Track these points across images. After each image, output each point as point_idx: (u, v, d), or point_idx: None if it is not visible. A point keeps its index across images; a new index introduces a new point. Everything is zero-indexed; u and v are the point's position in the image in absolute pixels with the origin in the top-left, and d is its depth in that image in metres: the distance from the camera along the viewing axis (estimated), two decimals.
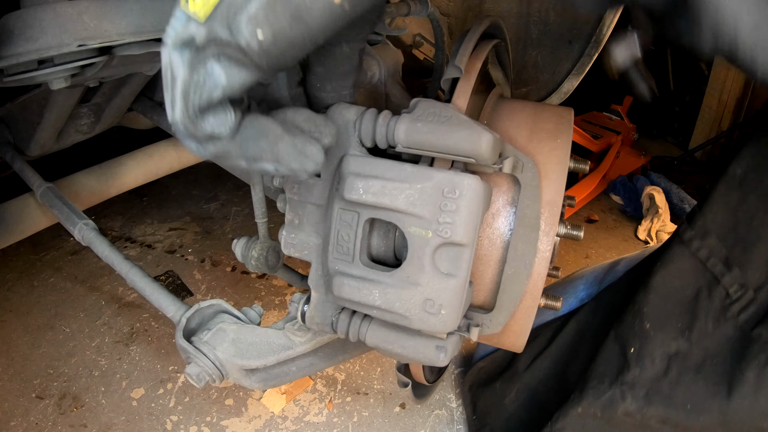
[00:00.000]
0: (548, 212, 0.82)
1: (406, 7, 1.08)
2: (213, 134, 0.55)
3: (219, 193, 2.83)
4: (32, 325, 1.90)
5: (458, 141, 0.71)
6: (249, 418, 1.61)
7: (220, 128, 0.55)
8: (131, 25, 0.91)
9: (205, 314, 1.00)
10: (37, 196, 1.38)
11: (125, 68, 1.13)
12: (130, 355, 1.80)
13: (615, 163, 3.19)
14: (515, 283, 0.84)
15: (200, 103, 0.53)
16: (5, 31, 0.88)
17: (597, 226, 2.85)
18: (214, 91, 0.53)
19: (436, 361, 0.79)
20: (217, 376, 0.94)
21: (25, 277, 2.13)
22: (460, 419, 1.64)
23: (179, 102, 0.53)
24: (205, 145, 0.56)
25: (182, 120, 0.54)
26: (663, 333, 1.09)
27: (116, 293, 2.07)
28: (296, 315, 0.90)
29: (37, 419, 1.56)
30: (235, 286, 2.16)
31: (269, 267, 1.04)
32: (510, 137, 0.88)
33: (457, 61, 0.79)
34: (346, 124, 0.80)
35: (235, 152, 0.57)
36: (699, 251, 1.07)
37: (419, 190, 0.71)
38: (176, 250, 2.36)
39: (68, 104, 1.34)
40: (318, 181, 0.84)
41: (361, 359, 1.84)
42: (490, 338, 0.94)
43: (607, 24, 1.37)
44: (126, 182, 1.75)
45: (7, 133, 1.52)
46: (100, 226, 2.45)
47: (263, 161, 0.58)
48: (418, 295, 0.72)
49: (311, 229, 0.86)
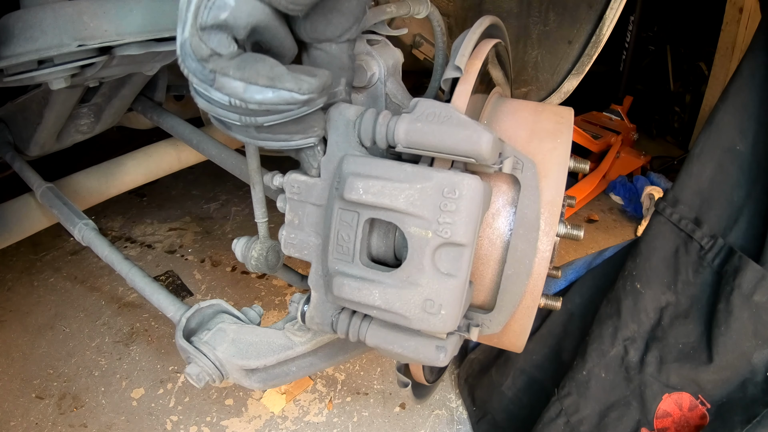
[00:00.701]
0: (548, 212, 0.82)
1: (406, 7, 1.07)
2: (214, 51, 0.60)
3: (219, 193, 2.83)
4: (32, 325, 1.90)
5: (458, 141, 0.71)
6: (249, 418, 1.61)
7: (221, 48, 0.60)
8: (131, 25, 0.91)
9: (205, 314, 1.00)
10: (37, 196, 1.38)
11: (125, 68, 1.13)
12: (130, 355, 1.80)
13: (615, 163, 3.19)
14: (515, 283, 0.84)
15: (207, 20, 0.58)
16: (5, 31, 0.88)
17: (597, 226, 2.85)
18: (222, 12, 0.58)
19: (436, 361, 0.79)
20: (217, 376, 0.94)
21: (25, 277, 2.13)
22: (460, 419, 1.64)
23: (190, 20, 0.59)
24: (205, 63, 0.60)
25: (190, 36, 0.59)
26: (652, 290, 1.26)
27: (116, 293, 2.07)
28: (296, 315, 0.90)
29: (37, 419, 1.56)
30: (235, 286, 2.16)
31: (269, 267, 1.04)
32: (510, 137, 0.88)
33: (457, 61, 0.79)
34: (346, 124, 0.80)
35: (232, 72, 0.60)
36: (672, 216, 1.28)
37: (419, 190, 0.71)
38: (176, 250, 2.36)
39: (68, 104, 1.34)
40: (318, 181, 0.84)
41: (361, 359, 1.84)
42: (490, 338, 0.94)
43: (607, 24, 1.37)
44: (126, 182, 1.75)
45: (7, 133, 1.52)
46: (100, 226, 2.46)
47: (259, 83, 0.61)
48: (418, 295, 0.72)
49: (311, 229, 0.86)
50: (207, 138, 1.43)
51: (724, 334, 1.12)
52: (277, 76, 0.62)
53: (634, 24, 3.37)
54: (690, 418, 1.15)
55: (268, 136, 0.73)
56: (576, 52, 1.47)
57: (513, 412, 1.51)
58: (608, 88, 3.64)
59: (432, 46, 1.64)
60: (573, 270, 1.60)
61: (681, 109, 4.05)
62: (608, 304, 1.34)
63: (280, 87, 0.62)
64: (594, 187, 2.97)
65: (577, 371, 1.31)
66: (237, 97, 0.63)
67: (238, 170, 1.33)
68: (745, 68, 1.22)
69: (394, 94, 0.95)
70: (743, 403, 1.08)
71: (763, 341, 1.09)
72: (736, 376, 1.11)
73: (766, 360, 1.09)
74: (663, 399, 1.18)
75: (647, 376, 1.21)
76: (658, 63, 4.34)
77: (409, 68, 1.33)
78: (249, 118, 0.67)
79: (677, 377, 1.17)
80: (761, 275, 1.08)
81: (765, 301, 1.08)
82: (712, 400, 1.13)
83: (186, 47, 0.61)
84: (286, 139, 0.74)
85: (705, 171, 1.23)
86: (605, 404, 1.26)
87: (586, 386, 1.29)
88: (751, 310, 1.09)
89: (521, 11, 1.51)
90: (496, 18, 0.94)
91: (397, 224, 0.73)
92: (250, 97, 0.62)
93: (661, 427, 1.18)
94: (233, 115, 0.66)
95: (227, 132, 0.74)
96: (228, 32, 0.60)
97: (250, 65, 0.61)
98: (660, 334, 1.23)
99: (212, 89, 0.63)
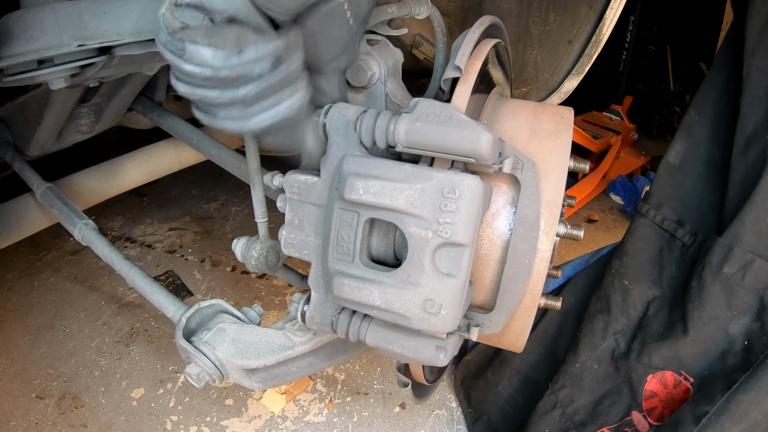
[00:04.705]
0: (548, 212, 0.82)
1: (407, 7, 1.07)
2: (185, 24, 0.63)
3: (219, 193, 2.83)
4: (32, 325, 1.90)
5: (458, 141, 0.71)
6: (249, 418, 1.61)
7: (192, 22, 0.63)
8: (131, 25, 0.91)
9: (205, 314, 1.00)
10: (37, 196, 1.38)
11: (125, 68, 1.13)
12: (130, 355, 1.80)
13: (615, 163, 3.19)
14: (515, 283, 0.84)
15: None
16: (5, 31, 0.88)
17: (597, 226, 2.85)
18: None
19: (436, 361, 0.79)
20: (217, 376, 0.94)
21: (25, 277, 2.13)
22: (460, 419, 1.64)
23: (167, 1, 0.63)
24: (175, 34, 0.63)
25: (165, 10, 0.63)
26: (639, 286, 1.33)
27: (116, 293, 2.07)
28: (296, 315, 0.90)
29: (37, 419, 1.56)
30: (235, 286, 2.16)
31: (269, 267, 1.04)
32: (510, 137, 0.88)
33: (456, 61, 0.79)
34: (346, 124, 0.80)
35: (200, 39, 0.62)
36: (655, 218, 1.35)
37: (419, 191, 0.71)
38: (176, 250, 2.36)
39: (68, 104, 1.34)
40: (318, 181, 0.84)
41: (361, 359, 1.84)
42: (490, 338, 0.94)
43: (607, 24, 1.37)
44: (126, 182, 1.75)
45: (7, 133, 1.52)
46: (100, 226, 2.46)
47: (226, 47, 0.63)
48: (418, 295, 0.72)
49: (311, 229, 0.86)
50: (207, 138, 1.43)
51: (698, 308, 1.17)
52: (243, 37, 0.63)
53: (634, 24, 3.37)
54: (675, 394, 1.20)
55: (258, 108, 0.70)
56: (576, 52, 1.47)
57: (508, 412, 1.52)
58: (608, 88, 3.65)
59: (432, 46, 1.63)
60: (571, 267, 1.63)
61: (681, 109, 4.05)
62: (598, 300, 1.39)
63: (246, 47, 0.63)
64: (594, 187, 2.97)
65: (570, 365, 1.36)
66: (206, 65, 0.63)
67: (238, 170, 1.33)
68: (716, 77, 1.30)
69: (394, 94, 0.95)
70: (724, 373, 1.12)
71: (738, 312, 1.13)
72: (715, 348, 1.16)
73: (743, 329, 1.13)
74: (648, 380, 1.24)
75: (632, 362, 1.26)
76: (658, 63, 4.34)
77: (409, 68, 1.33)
78: (229, 92, 0.66)
79: (659, 357, 1.23)
80: (728, 248, 1.13)
81: (734, 273, 1.13)
82: (694, 374, 1.18)
83: (160, 21, 0.64)
84: (276, 104, 0.71)
85: (687, 182, 1.32)
86: (599, 394, 1.30)
87: (580, 378, 1.33)
88: (722, 282, 1.14)
89: (521, 11, 1.51)
90: (496, 18, 0.94)
91: (397, 224, 0.73)
92: (219, 63, 0.62)
93: (649, 407, 1.23)
94: (213, 92, 0.66)
95: (215, 123, 0.71)
96: (203, 13, 0.63)
97: (217, 31, 0.63)
98: (645, 323, 1.30)
99: (183, 62, 0.63)
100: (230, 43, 0.62)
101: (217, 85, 0.65)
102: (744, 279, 1.12)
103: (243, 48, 0.63)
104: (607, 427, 1.26)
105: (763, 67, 1.14)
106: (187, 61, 0.63)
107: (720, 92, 1.28)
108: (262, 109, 0.70)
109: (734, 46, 1.24)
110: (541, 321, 1.56)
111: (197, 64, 0.62)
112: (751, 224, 1.11)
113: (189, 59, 0.62)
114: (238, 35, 0.63)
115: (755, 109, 1.15)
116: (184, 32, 0.62)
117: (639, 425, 1.22)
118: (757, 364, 1.06)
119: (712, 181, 1.27)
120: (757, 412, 1.02)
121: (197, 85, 0.65)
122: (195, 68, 0.63)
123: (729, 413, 1.03)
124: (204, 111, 0.70)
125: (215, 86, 0.65)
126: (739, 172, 1.17)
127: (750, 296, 1.12)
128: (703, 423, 1.05)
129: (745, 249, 1.11)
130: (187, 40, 0.62)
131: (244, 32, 0.63)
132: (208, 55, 0.62)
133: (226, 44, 0.62)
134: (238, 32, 0.63)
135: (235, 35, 0.63)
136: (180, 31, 0.62)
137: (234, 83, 0.65)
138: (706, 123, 1.30)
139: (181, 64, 0.63)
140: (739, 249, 1.12)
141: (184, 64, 0.63)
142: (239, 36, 0.63)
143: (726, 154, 1.21)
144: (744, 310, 1.13)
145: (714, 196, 1.26)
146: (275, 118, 0.72)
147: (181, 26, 0.63)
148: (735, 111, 1.20)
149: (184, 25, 0.63)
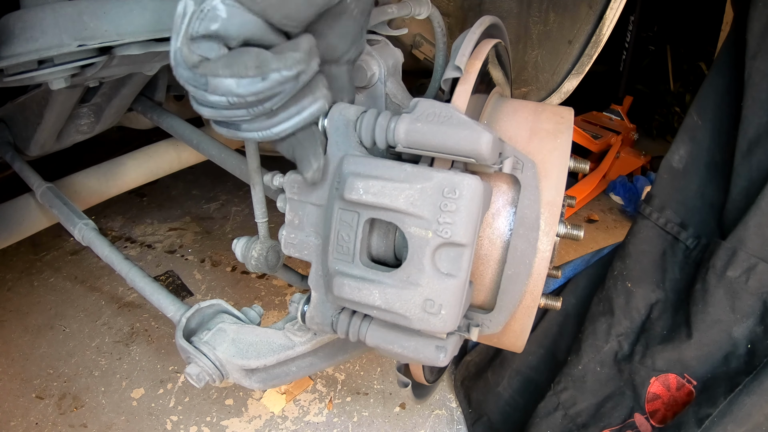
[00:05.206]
0: (548, 212, 0.82)
1: (407, 8, 1.07)
2: (203, 57, 0.62)
3: (219, 193, 2.83)
4: (32, 325, 1.90)
5: (458, 141, 0.71)
6: (249, 418, 1.61)
7: (209, 53, 0.62)
8: (131, 25, 0.91)
9: (205, 314, 1.00)
10: (37, 196, 1.38)
11: (125, 68, 1.13)
12: (130, 355, 1.80)
13: (615, 163, 3.19)
14: (515, 283, 0.84)
15: (198, 30, 0.61)
16: (5, 31, 0.87)
17: (597, 226, 2.85)
18: (212, 23, 0.60)
19: (436, 361, 0.79)
20: (217, 376, 0.94)
21: (25, 277, 2.13)
22: (460, 419, 1.64)
23: (183, 30, 0.61)
24: (196, 69, 0.62)
25: (180, 44, 0.61)
26: (642, 288, 1.32)
27: (116, 293, 2.07)
28: (296, 315, 0.90)
29: (37, 419, 1.56)
30: (235, 286, 2.16)
31: (269, 267, 1.04)
32: (510, 137, 0.88)
33: (456, 61, 0.79)
34: (346, 124, 0.80)
35: (221, 71, 0.62)
36: (658, 221, 1.34)
37: (419, 191, 0.71)
38: (176, 250, 2.36)
39: (68, 104, 1.34)
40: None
41: (361, 359, 1.84)
42: (490, 338, 0.94)
43: (607, 24, 1.37)
44: (126, 182, 1.75)
45: (7, 133, 1.53)
46: (100, 226, 2.46)
47: (249, 75, 0.62)
48: (418, 295, 0.72)
49: (311, 230, 0.86)
50: (207, 138, 1.43)
51: (702, 311, 1.17)
52: (263, 62, 0.63)
53: (634, 24, 3.37)
54: (678, 397, 1.19)
55: (283, 117, 0.71)
56: (576, 52, 1.47)
57: (508, 413, 1.52)
58: (608, 88, 3.65)
59: (432, 46, 1.64)
60: (571, 268, 1.63)
61: (681, 109, 4.05)
62: (600, 302, 1.39)
63: (268, 72, 0.63)
64: (594, 187, 2.97)
65: (573, 367, 1.35)
66: (232, 94, 0.63)
67: (238, 170, 1.33)
68: (716, 79, 1.29)
69: (394, 94, 0.95)
70: (727, 376, 1.12)
71: (741, 315, 1.13)
72: (719, 351, 1.16)
73: (746, 333, 1.13)
74: (651, 383, 1.23)
75: (635, 364, 1.26)
76: (658, 63, 4.35)
77: (409, 68, 1.33)
78: (256, 109, 0.67)
79: (662, 360, 1.22)
80: (732, 251, 1.13)
81: (738, 276, 1.13)
82: (697, 377, 1.17)
83: (177, 57, 0.62)
84: (299, 112, 0.72)
85: (689, 185, 1.32)
86: (601, 396, 1.30)
87: (583, 380, 1.33)
88: (726, 286, 1.14)
89: (521, 11, 1.51)
90: (496, 18, 0.94)
91: (397, 224, 0.73)
92: (244, 92, 0.63)
93: (652, 409, 1.23)
94: (240, 111, 0.67)
95: (238, 135, 0.73)
96: (218, 41, 0.62)
97: (236, 60, 0.62)
98: (648, 326, 1.29)
99: (208, 94, 0.63)
100: (252, 71, 0.62)
101: (244, 106, 0.66)
102: (748, 282, 1.12)
103: (266, 74, 0.63)
104: (609, 429, 1.25)
105: (766, 69, 1.13)
106: (212, 93, 0.63)
107: (721, 94, 1.28)
108: (286, 117, 0.71)
109: (735, 47, 1.24)
110: (541, 322, 1.56)
111: (223, 94, 0.63)
112: (755, 228, 1.11)
113: (214, 91, 0.63)
114: (259, 61, 0.62)
115: (757, 113, 1.14)
116: (204, 67, 0.62)
117: (641, 427, 1.22)
118: (761, 367, 1.06)
119: (714, 185, 1.27)
120: (759, 415, 1.02)
121: (222, 108, 0.66)
122: (221, 99, 0.63)
123: (732, 416, 1.03)
124: (225, 126, 0.71)
125: (242, 107, 0.66)
126: (742, 176, 1.17)
127: (753, 300, 1.12)
128: (705, 425, 1.05)
129: (749, 253, 1.11)
130: (209, 74, 0.62)
131: (263, 56, 0.63)
132: (233, 85, 0.62)
133: (248, 72, 0.62)
134: (257, 57, 0.63)
135: (255, 62, 0.62)
136: (200, 66, 0.62)
137: (260, 102, 0.66)
138: (707, 126, 1.30)
139: (206, 96, 0.64)
140: (743, 253, 1.12)
141: (209, 96, 0.63)
142: (260, 62, 0.62)
143: (728, 158, 1.21)
144: (747, 314, 1.12)
145: (717, 199, 1.26)
146: (299, 126, 0.73)
147: (200, 59, 0.62)
148: (737, 114, 1.19)
149: (203, 58, 0.62)
